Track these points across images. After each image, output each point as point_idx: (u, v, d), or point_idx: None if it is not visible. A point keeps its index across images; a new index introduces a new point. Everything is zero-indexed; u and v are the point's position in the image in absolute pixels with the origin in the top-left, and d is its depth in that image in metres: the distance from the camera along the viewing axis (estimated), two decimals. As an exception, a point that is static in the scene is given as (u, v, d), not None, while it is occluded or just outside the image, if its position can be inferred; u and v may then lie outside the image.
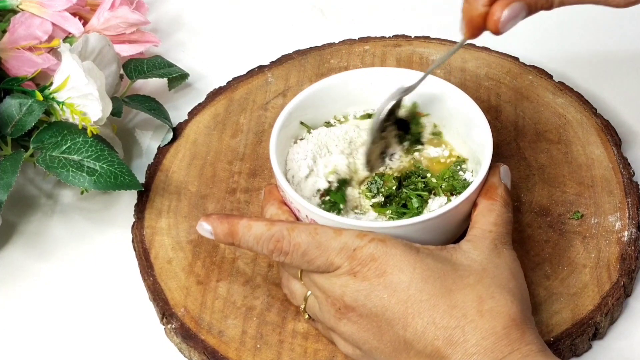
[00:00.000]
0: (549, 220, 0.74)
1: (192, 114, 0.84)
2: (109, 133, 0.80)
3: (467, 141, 0.71)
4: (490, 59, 0.86)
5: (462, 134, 0.72)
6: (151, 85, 0.90)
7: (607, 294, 0.69)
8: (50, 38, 0.82)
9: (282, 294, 0.70)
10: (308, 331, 0.69)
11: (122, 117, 0.81)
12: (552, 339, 0.67)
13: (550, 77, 0.85)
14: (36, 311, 0.74)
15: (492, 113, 0.82)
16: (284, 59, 0.89)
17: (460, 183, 0.69)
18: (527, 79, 0.85)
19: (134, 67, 0.85)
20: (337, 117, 0.74)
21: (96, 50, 0.79)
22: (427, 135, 0.73)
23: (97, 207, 0.81)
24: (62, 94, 0.76)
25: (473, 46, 0.88)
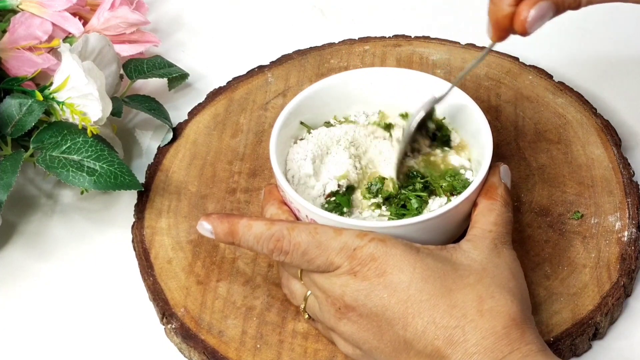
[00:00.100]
0: (549, 220, 0.74)
1: (192, 114, 0.84)
2: (109, 133, 0.80)
3: (468, 141, 0.71)
4: (490, 59, 0.86)
5: (463, 134, 0.72)
6: (151, 85, 0.90)
7: (607, 294, 0.69)
8: (50, 38, 0.82)
9: (282, 294, 0.70)
10: (308, 331, 0.69)
11: (122, 117, 0.81)
12: (552, 339, 0.67)
13: (550, 77, 0.85)
14: (36, 311, 0.74)
15: (492, 113, 0.82)
16: (284, 59, 0.89)
17: (461, 183, 0.69)
18: (527, 79, 0.85)
19: (134, 67, 0.85)
20: (337, 117, 0.74)
21: (96, 50, 0.79)
22: (455, 141, 0.72)
23: (97, 207, 0.81)
24: (62, 94, 0.76)
25: (473, 46, 0.88)
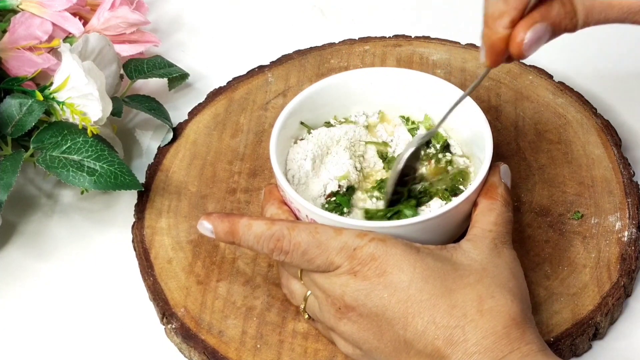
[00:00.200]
0: (549, 220, 0.74)
1: (192, 114, 0.84)
2: (109, 133, 0.80)
3: (468, 141, 0.71)
4: (490, 59, 0.86)
5: (463, 134, 0.72)
6: (151, 85, 0.90)
7: (607, 294, 0.69)
8: (51, 38, 0.82)
9: (282, 294, 0.70)
10: (308, 331, 0.69)
11: (122, 117, 0.81)
12: (552, 339, 0.67)
13: (551, 77, 0.85)
14: (36, 311, 0.74)
15: (492, 113, 0.82)
16: (284, 59, 0.89)
17: (461, 183, 0.69)
18: (527, 79, 0.85)
19: (134, 67, 0.85)
20: (338, 118, 0.74)
21: (96, 50, 0.79)
22: (457, 151, 0.72)
23: (97, 207, 0.81)
24: (62, 94, 0.76)
25: (473, 46, 0.88)
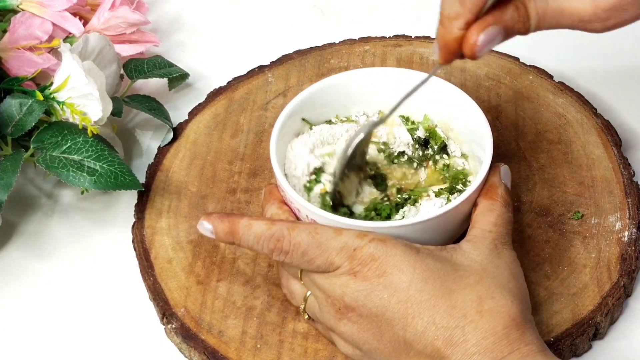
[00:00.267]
0: (549, 220, 0.74)
1: (192, 114, 0.84)
2: (109, 133, 0.80)
3: (468, 141, 0.71)
4: (490, 59, 0.86)
5: (463, 134, 0.72)
6: (151, 85, 0.90)
7: (607, 294, 0.69)
8: (51, 38, 0.82)
9: (282, 294, 0.70)
10: (308, 331, 0.69)
11: (122, 117, 0.81)
12: (552, 339, 0.67)
13: (551, 77, 0.85)
14: (36, 311, 0.74)
15: (492, 113, 0.82)
16: (284, 59, 0.89)
17: (461, 183, 0.69)
18: (528, 79, 0.85)
19: (134, 67, 0.85)
20: (339, 117, 0.74)
21: (96, 50, 0.79)
22: (455, 152, 0.72)
23: (97, 207, 0.81)
24: (63, 94, 0.76)
25: (473, 46, 0.88)
